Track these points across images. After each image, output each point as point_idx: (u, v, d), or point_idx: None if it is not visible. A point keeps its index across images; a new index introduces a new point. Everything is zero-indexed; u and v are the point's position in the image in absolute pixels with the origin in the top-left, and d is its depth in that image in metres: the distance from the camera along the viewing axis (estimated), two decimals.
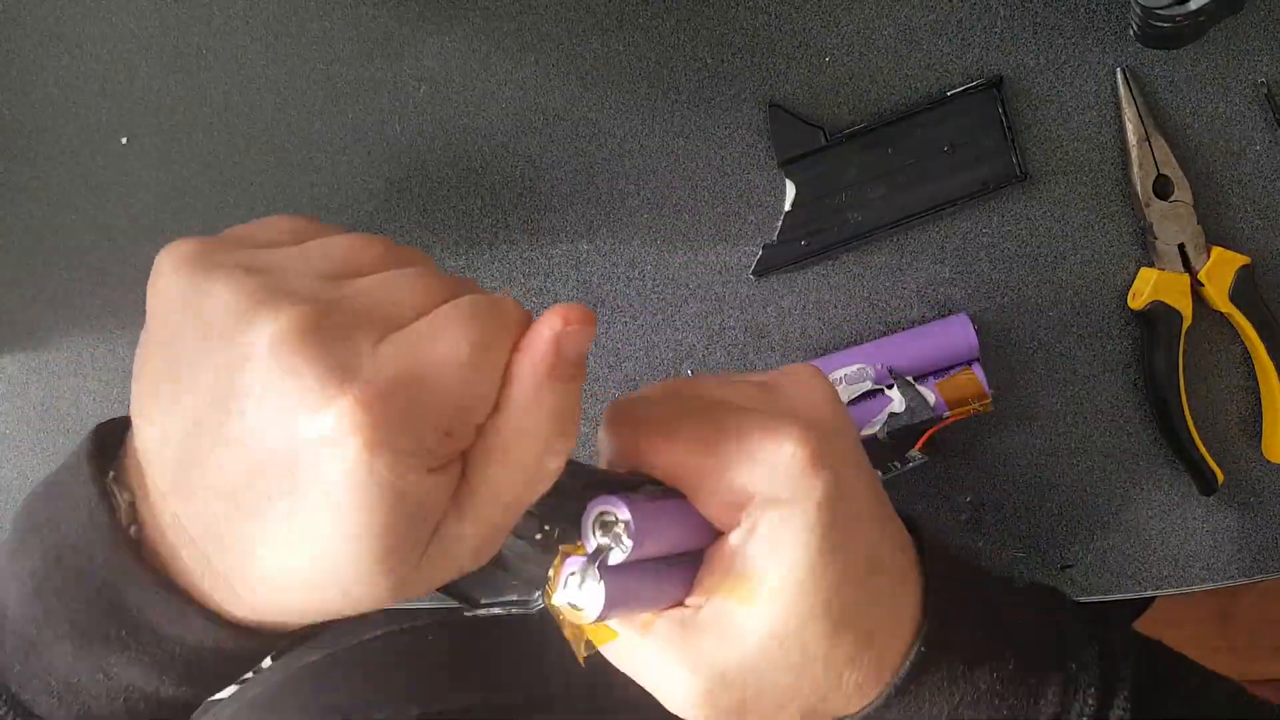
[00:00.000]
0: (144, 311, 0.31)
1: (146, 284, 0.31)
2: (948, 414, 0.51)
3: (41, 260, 0.54)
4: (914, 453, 0.52)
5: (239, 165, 0.53)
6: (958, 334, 0.51)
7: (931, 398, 0.51)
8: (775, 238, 0.52)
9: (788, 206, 0.52)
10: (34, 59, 0.53)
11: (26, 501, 0.34)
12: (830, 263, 0.53)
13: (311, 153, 0.53)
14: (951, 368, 0.52)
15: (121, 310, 0.54)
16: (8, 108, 0.53)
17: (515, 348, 0.30)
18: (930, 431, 0.51)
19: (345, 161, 0.53)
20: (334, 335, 0.28)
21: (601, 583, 0.33)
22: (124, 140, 0.53)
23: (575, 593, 0.33)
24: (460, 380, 0.29)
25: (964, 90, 0.51)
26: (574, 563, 0.34)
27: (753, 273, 0.53)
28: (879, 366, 0.51)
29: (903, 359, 0.51)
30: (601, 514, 0.34)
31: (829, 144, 0.51)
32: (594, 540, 0.34)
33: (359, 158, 0.53)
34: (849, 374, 0.52)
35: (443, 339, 0.29)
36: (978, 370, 0.51)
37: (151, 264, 0.32)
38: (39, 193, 0.53)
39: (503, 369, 0.30)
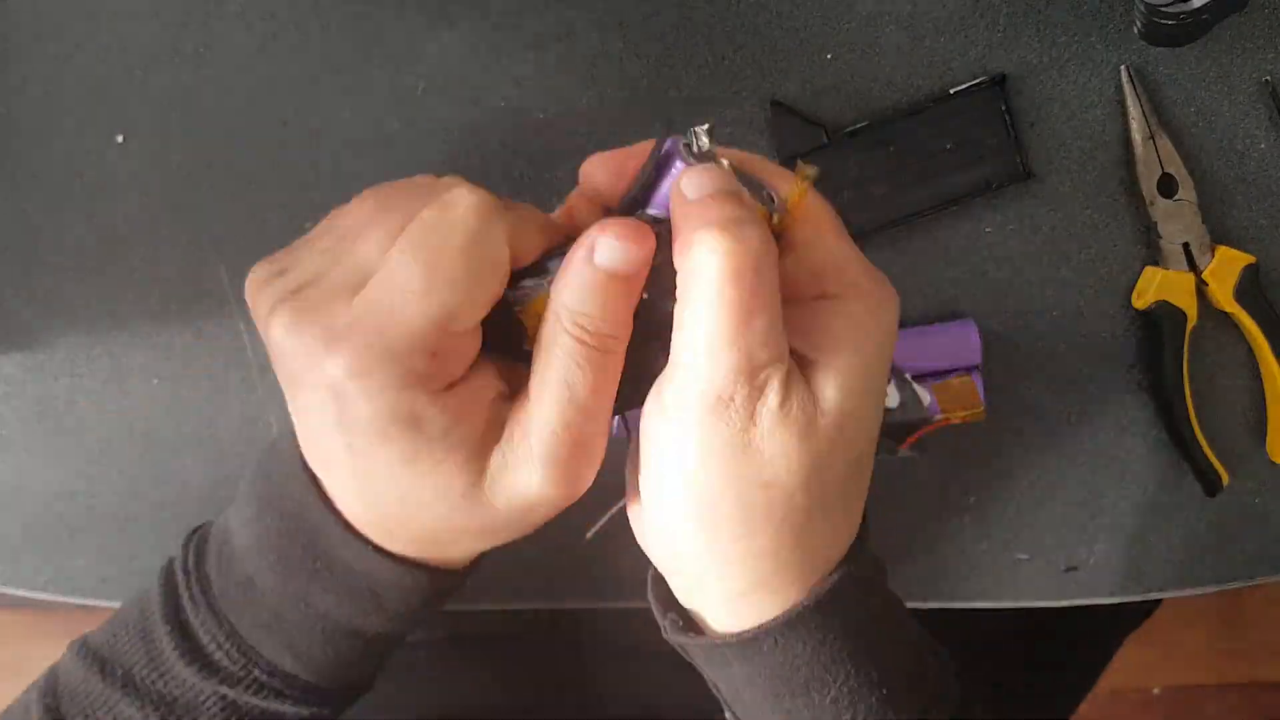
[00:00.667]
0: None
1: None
2: (939, 416, 0.51)
3: (37, 259, 0.54)
4: (902, 451, 0.51)
5: (236, 164, 0.53)
6: (962, 339, 0.51)
7: (927, 398, 0.51)
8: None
9: None
10: (30, 57, 0.52)
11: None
12: None
13: (310, 152, 0.53)
14: (951, 371, 0.51)
15: (118, 309, 0.53)
16: (3, 106, 0.53)
17: (471, 244, 0.34)
18: (920, 432, 0.51)
19: (344, 161, 0.53)
20: (315, 312, 0.34)
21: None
22: (120, 139, 0.53)
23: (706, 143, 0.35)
24: (421, 307, 0.33)
25: (967, 88, 0.51)
26: (678, 164, 0.35)
27: None
28: None
29: (904, 355, 0.51)
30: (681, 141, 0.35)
31: (830, 142, 0.51)
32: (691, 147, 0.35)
33: (358, 157, 0.53)
34: None
35: (396, 278, 0.33)
36: (976, 378, 0.51)
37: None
38: (34, 192, 0.53)
39: (460, 276, 0.33)
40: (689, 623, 0.39)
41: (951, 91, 0.51)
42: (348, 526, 0.37)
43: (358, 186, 0.52)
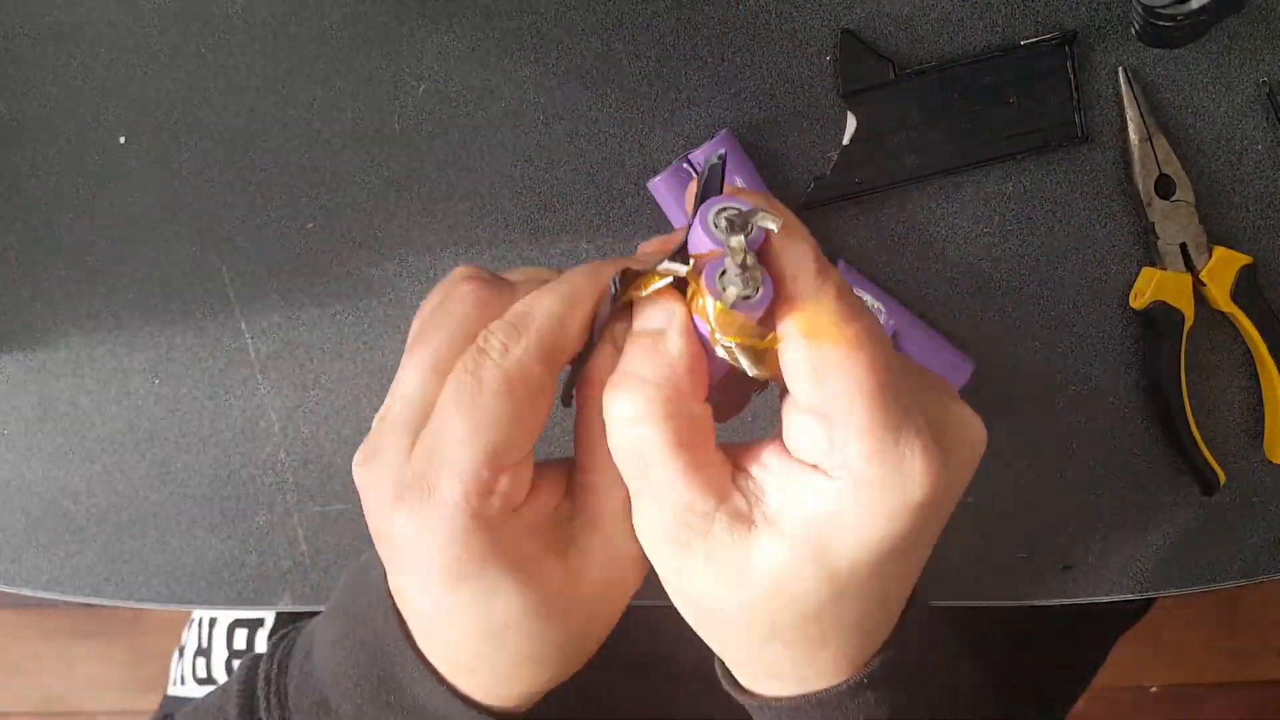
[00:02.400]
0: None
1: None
2: None
3: (40, 259, 0.54)
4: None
5: (238, 164, 0.53)
6: (953, 368, 0.52)
7: None
8: (829, 171, 0.51)
9: (846, 140, 0.51)
10: (32, 58, 0.53)
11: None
12: (869, 205, 0.52)
13: (311, 152, 0.53)
14: None
15: (120, 309, 0.54)
16: (6, 106, 0.53)
17: (507, 385, 0.34)
18: None
19: (345, 161, 0.53)
20: (379, 462, 0.35)
21: (757, 265, 0.31)
22: (122, 139, 0.53)
23: (738, 285, 0.31)
24: (470, 453, 0.34)
25: (1036, 42, 0.50)
26: (716, 264, 0.31)
27: (801, 205, 0.52)
28: (888, 320, 0.51)
29: (905, 338, 0.51)
30: (723, 209, 0.31)
31: (897, 79, 0.50)
32: (726, 236, 0.31)
33: (359, 158, 0.53)
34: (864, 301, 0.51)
35: (444, 430, 0.34)
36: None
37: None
38: (37, 192, 0.53)
39: (503, 416, 0.34)
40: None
41: (1021, 43, 0.50)
42: (425, 663, 0.37)
43: (359, 187, 0.53)
